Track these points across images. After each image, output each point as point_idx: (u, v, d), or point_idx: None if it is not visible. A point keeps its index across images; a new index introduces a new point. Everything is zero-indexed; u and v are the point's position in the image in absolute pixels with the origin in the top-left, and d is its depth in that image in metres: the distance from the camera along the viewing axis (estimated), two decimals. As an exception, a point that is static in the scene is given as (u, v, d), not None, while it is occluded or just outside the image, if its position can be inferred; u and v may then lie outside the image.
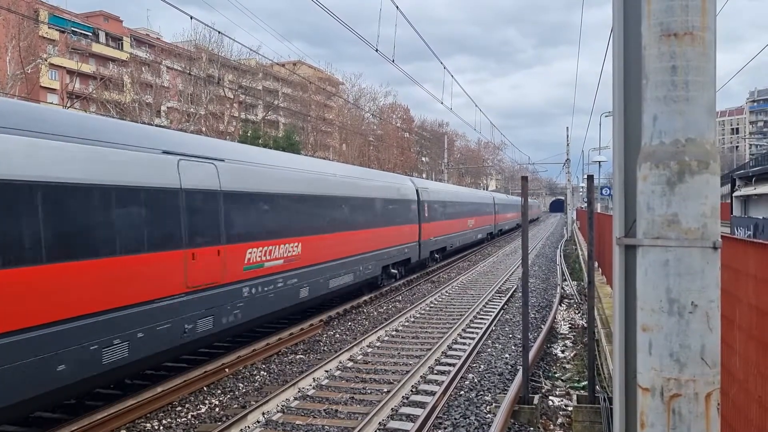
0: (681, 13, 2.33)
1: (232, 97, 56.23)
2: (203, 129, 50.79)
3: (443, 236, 27.86)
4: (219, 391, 9.79)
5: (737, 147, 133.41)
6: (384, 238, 19.15)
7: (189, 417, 8.63)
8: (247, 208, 11.33)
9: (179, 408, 8.99)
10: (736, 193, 26.14)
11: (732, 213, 26.18)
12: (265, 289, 11.79)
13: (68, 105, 50.51)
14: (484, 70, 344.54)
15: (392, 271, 20.71)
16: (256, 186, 11.68)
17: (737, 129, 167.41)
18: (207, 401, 9.30)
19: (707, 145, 2.35)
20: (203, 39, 52.57)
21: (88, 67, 59.46)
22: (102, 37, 67.77)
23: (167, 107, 59.34)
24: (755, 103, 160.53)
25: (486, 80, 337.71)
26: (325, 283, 14.72)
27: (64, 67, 60.01)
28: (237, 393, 9.73)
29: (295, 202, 13.29)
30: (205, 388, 9.87)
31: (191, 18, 16.79)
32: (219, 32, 25.00)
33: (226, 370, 10.69)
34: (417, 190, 23.84)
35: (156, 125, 53.62)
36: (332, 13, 13.83)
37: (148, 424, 8.34)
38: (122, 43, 66.52)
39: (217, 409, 8.95)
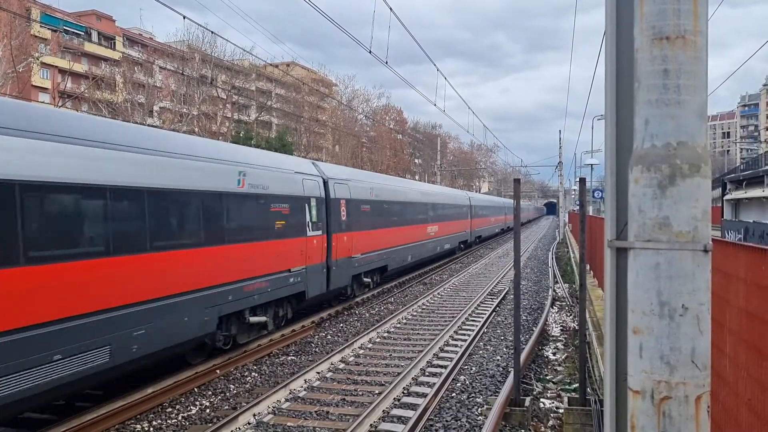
0: (673, 16, 2.33)
1: (225, 97, 56.09)
2: (196, 129, 50.64)
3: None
4: (210, 393, 9.75)
5: (728, 151, 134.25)
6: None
7: (179, 418, 8.60)
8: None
9: (170, 409, 8.95)
10: (726, 197, 26.29)
11: (723, 216, 26.32)
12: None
13: (60, 104, 50.27)
14: (473, 74, 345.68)
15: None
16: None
17: (728, 133, 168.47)
18: (198, 402, 9.26)
19: (698, 149, 2.35)
20: (196, 39, 52.47)
21: (80, 67, 59.23)
22: (94, 37, 67.52)
23: (160, 107, 59.15)
24: (746, 108, 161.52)
25: (476, 84, 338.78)
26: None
27: (56, 66, 59.74)
28: (228, 394, 9.69)
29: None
30: (195, 390, 9.83)
31: (184, 18, 16.74)
32: (212, 32, 24.94)
33: (217, 371, 10.65)
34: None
35: (149, 125, 53.41)
36: (325, 14, 13.82)
37: (138, 426, 8.30)
38: (115, 43, 66.26)
39: (207, 411, 8.91)
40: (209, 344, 10.90)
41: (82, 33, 63.83)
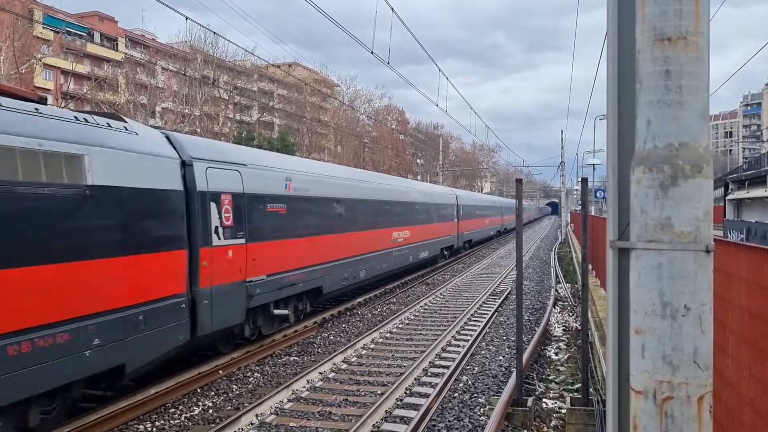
0: (675, 17, 2.34)
1: (227, 98, 56.15)
2: (198, 130, 50.70)
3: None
4: (212, 393, 9.76)
5: (731, 151, 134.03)
6: None
7: (182, 419, 8.61)
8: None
9: (172, 410, 8.97)
10: (729, 197, 26.23)
11: (725, 216, 26.27)
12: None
13: (62, 105, 50.32)
14: (473, 74, 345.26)
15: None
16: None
17: (731, 132, 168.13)
18: (200, 403, 9.27)
19: (700, 149, 2.36)
20: (198, 40, 52.52)
21: (83, 68, 59.30)
22: (97, 38, 67.59)
23: (162, 108, 59.20)
24: (748, 107, 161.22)
25: (476, 84, 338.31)
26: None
27: (59, 68, 59.83)
28: (230, 395, 9.70)
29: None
30: (198, 390, 9.85)
31: (186, 18, 16.77)
32: (214, 33, 24.99)
33: (220, 371, 10.66)
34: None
35: (152, 126, 53.45)
36: (327, 14, 13.84)
37: (141, 426, 8.31)
38: (117, 44, 66.34)
39: (210, 411, 8.93)
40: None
41: (85, 34, 63.90)
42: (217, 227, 10.51)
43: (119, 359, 8.03)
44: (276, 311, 12.75)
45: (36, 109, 7.27)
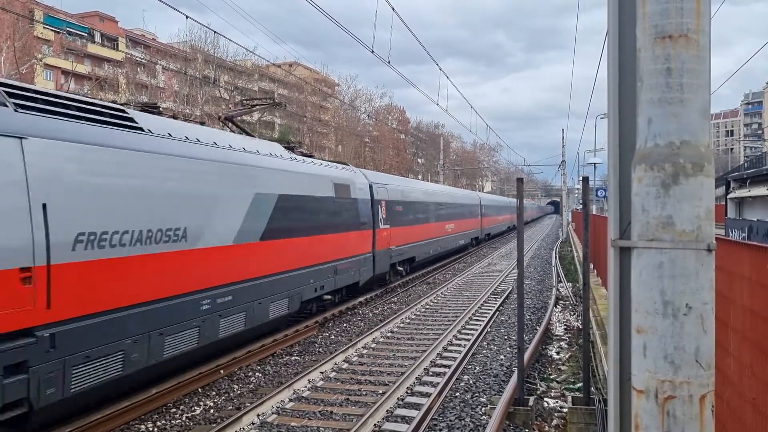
0: (676, 15, 2.33)
1: (228, 98, 56.15)
2: (199, 130, 50.70)
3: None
4: (214, 393, 9.76)
5: (732, 149, 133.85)
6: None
7: (183, 418, 8.61)
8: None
9: (174, 409, 8.97)
10: (730, 195, 26.18)
11: (726, 215, 26.23)
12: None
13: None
14: (474, 73, 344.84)
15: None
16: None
17: (732, 131, 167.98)
18: (202, 403, 9.27)
19: (701, 148, 2.35)
20: (198, 40, 52.53)
21: (83, 68, 59.34)
22: (97, 38, 67.61)
23: (163, 108, 59.17)
24: (749, 106, 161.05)
25: (477, 83, 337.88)
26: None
27: (59, 68, 59.84)
28: (232, 394, 9.70)
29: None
30: (199, 390, 9.85)
31: (186, 18, 16.76)
32: (215, 32, 24.98)
33: (221, 371, 10.66)
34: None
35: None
36: (327, 13, 13.83)
37: (143, 426, 8.32)
38: (117, 44, 66.37)
39: (211, 411, 8.93)
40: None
41: (85, 34, 63.93)
42: (380, 219, 19.51)
43: (357, 278, 17.40)
44: (399, 267, 22.18)
45: (344, 167, 17.95)
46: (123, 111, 8.85)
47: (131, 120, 8.84)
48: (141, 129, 8.86)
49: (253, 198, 11.42)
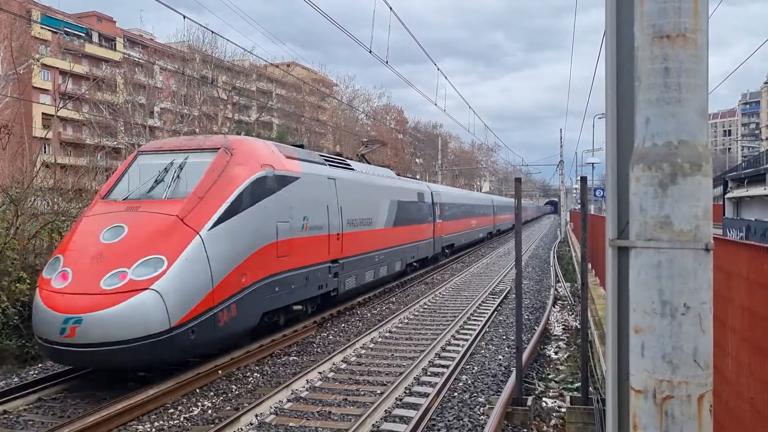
0: (674, 14, 2.33)
1: (226, 98, 56.11)
2: (197, 130, 50.65)
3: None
4: (212, 393, 9.75)
5: (729, 149, 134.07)
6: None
7: (181, 419, 8.60)
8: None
9: (171, 410, 8.95)
10: (728, 195, 26.22)
11: (724, 215, 26.28)
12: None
13: (60, 105, 50.25)
14: (472, 73, 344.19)
15: None
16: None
17: (729, 131, 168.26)
18: (200, 403, 9.26)
19: (699, 147, 2.35)
20: (196, 40, 52.47)
21: (81, 68, 59.26)
22: (95, 38, 67.52)
23: (161, 108, 59.13)
24: (747, 105, 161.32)
25: (475, 83, 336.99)
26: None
27: (57, 68, 59.76)
28: (230, 395, 9.69)
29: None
30: (198, 390, 9.83)
31: (184, 18, 16.76)
32: (213, 32, 24.96)
33: (219, 371, 10.65)
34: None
35: (150, 126, 53.41)
36: (325, 14, 13.83)
37: (141, 427, 8.30)
38: (115, 44, 66.29)
39: (209, 411, 8.91)
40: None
41: (83, 34, 63.84)
42: (436, 215, 27.04)
43: (427, 253, 25.93)
44: (446, 250, 30.76)
45: (416, 181, 29.93)
46: (346, 161, 17.94)
47: (349, 165, 17.78)
48: (353, 169, 17.89)
49: (389, 202, 20.39)
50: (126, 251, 9.55)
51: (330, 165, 15.85)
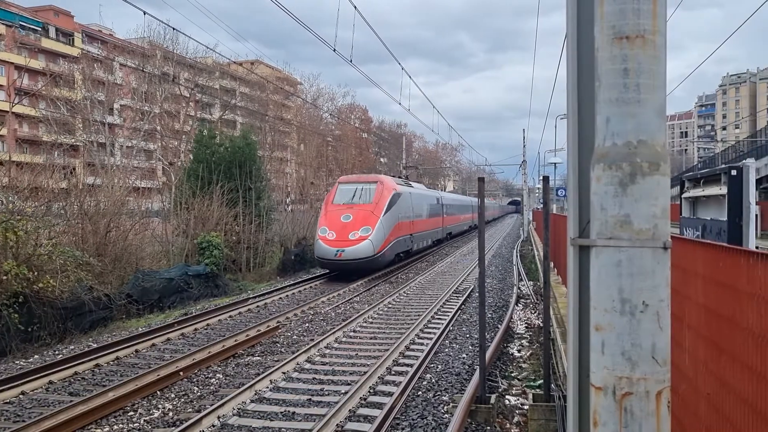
0: (633, 16, 2.36)
1: (188, 95, 55.24)
2: (158, 128, 49.77)
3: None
4: (173, 395, 9.59)
5: (686, 150, 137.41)
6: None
7: (141, 422, 8.43)
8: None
9: (131, 413, 8.78)
10: (684, 195, 26.79)
11: (681, 214, 26.85)
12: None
13: (15, 102, 48.84)
14: (436, 73, 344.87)
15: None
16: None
17: (686, 132, 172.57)
18: (160, 405, 9.10)
19: (658, 147, 2.38)
20: (157, 36, 51.50)
21: (37, 63, 57.72)
22: (52, 33, 65.87)
23: (120, 105, 57.96)
24: (703, 108, 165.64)
25: (439, 83, 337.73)
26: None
27: (12, 63, 58.11)
28: (192, 396, 9.55)
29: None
30: (158, 392, 9.66)
31: (144, 14, 16.44)
32: (174, 29, 24.55)
33: (180, 373, 10.48)
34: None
35: (109, 124, 52.29)
36: (290, 12, 13.72)
37: (99, 430, 8.12)
38: (73, 39, 64.73)
39: (170, 414, 8.76)
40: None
41: (39, 29, 62.22)
42: (443, 212, 41.69)
43: (442, 235, 41.30)
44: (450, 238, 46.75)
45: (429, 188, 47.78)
46: (408, 180, 36.93)
47: (410, 184, 34.41)
48: (412, 186, 33.91)
49: (427, 205, 35.07)
50: (354, 224, 23.65)
51: (407, 185, 31.71)
